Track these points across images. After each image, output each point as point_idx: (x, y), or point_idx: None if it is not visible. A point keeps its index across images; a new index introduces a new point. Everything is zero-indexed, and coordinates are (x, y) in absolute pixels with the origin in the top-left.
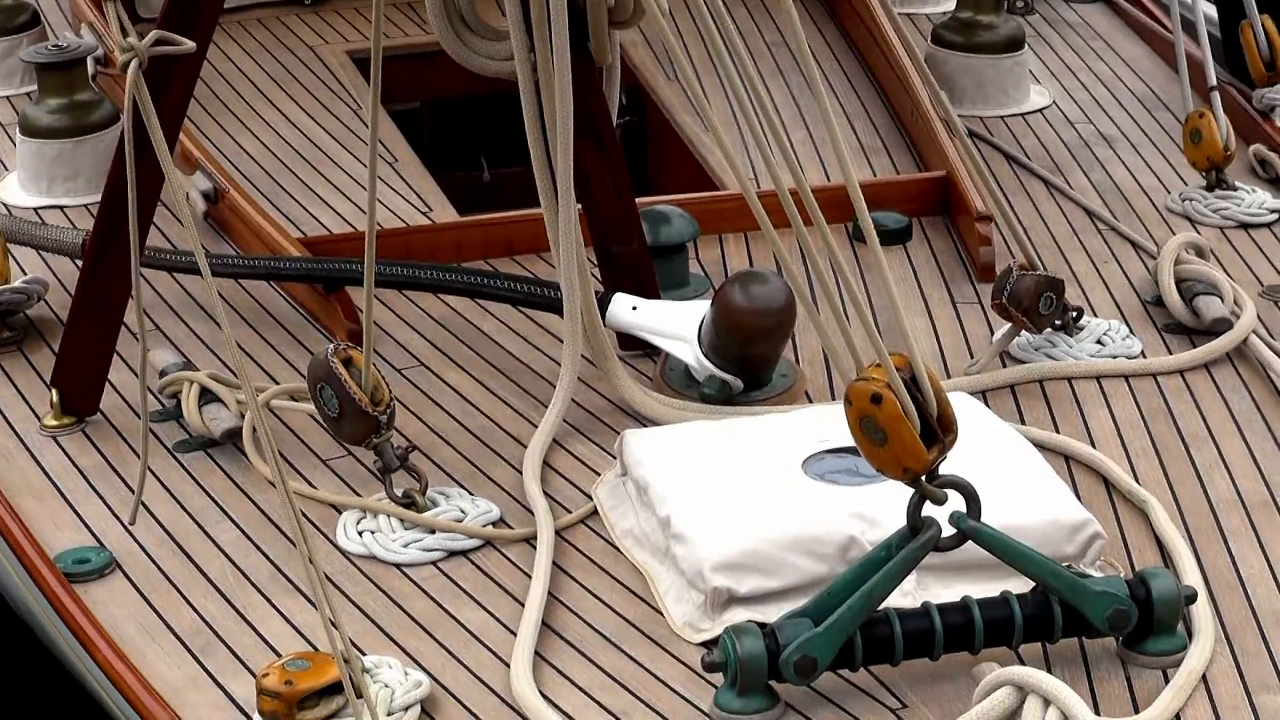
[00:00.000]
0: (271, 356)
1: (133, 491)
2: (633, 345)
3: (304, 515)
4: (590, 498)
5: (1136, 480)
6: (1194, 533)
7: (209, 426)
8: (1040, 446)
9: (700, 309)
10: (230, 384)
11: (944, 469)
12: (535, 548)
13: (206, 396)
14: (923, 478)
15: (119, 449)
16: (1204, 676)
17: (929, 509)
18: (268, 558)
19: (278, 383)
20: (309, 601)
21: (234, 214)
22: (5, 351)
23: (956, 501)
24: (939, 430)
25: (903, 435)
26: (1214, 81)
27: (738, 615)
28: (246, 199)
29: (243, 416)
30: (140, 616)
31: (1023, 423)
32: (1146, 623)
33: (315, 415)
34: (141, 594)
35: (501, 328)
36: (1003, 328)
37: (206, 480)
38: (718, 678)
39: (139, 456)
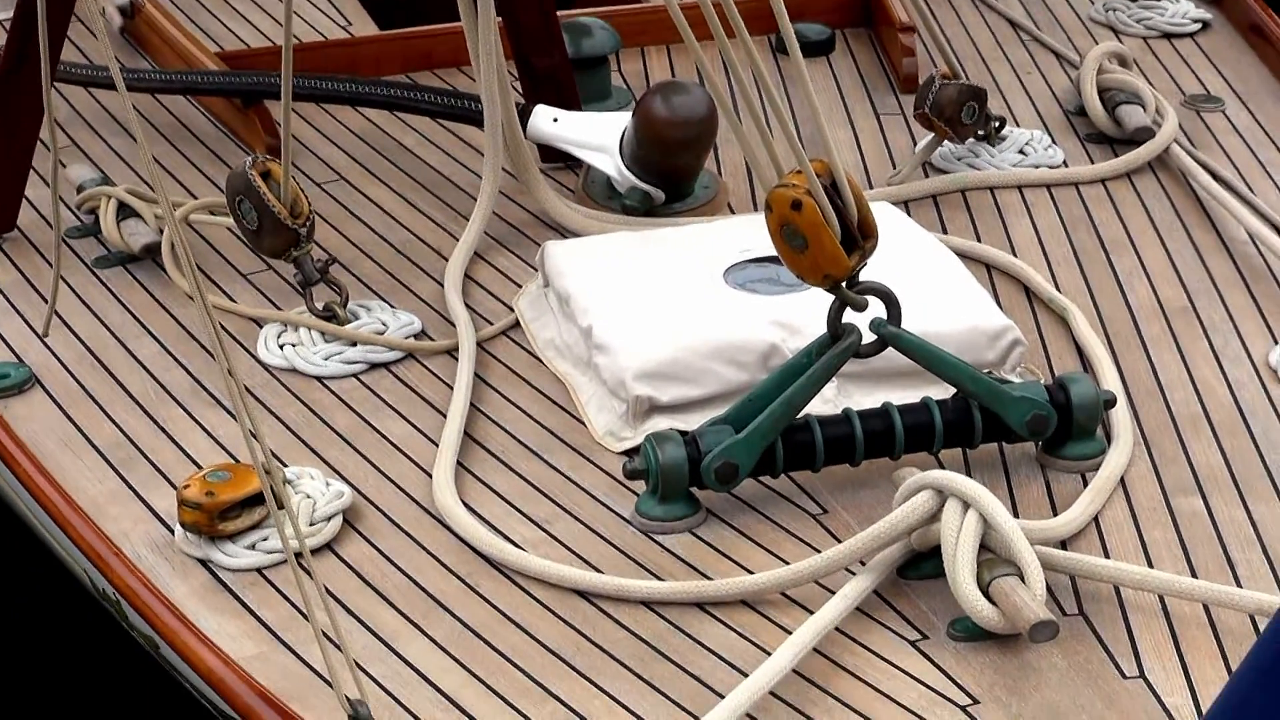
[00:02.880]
0: (190, 172)
1: None
2: (554, 157)
3: (223, 329)
4: (512, 309)
5: (1057, 288)
6: (1114, 339)
7: (127, 242)
8: (962, 255)
9: (621, 120)
10: (148, 199)
11: (865, 277)
12: (457, 359)
13: (125, 212)
14: (843, 284)
15: (37, 265)
16: (1122, 480)
17: (850, 315)
18: (188, 372)
19: (196, 197)
20: (229, 414)
21: (150, 29)
22: None
23: (877, 308)
24: (859, 236)
25: (823, 241)
26: None
27: (659, 424)
28: (163, 13)
29: (161, 231)
30: (61, 431)
31: (945, 232)
32: (1066, 427)
33: (234, 229)
34: (62, 409)
35: (422, 141)
36: (925, 138)
37: (126, 296)
38: (639, 485)
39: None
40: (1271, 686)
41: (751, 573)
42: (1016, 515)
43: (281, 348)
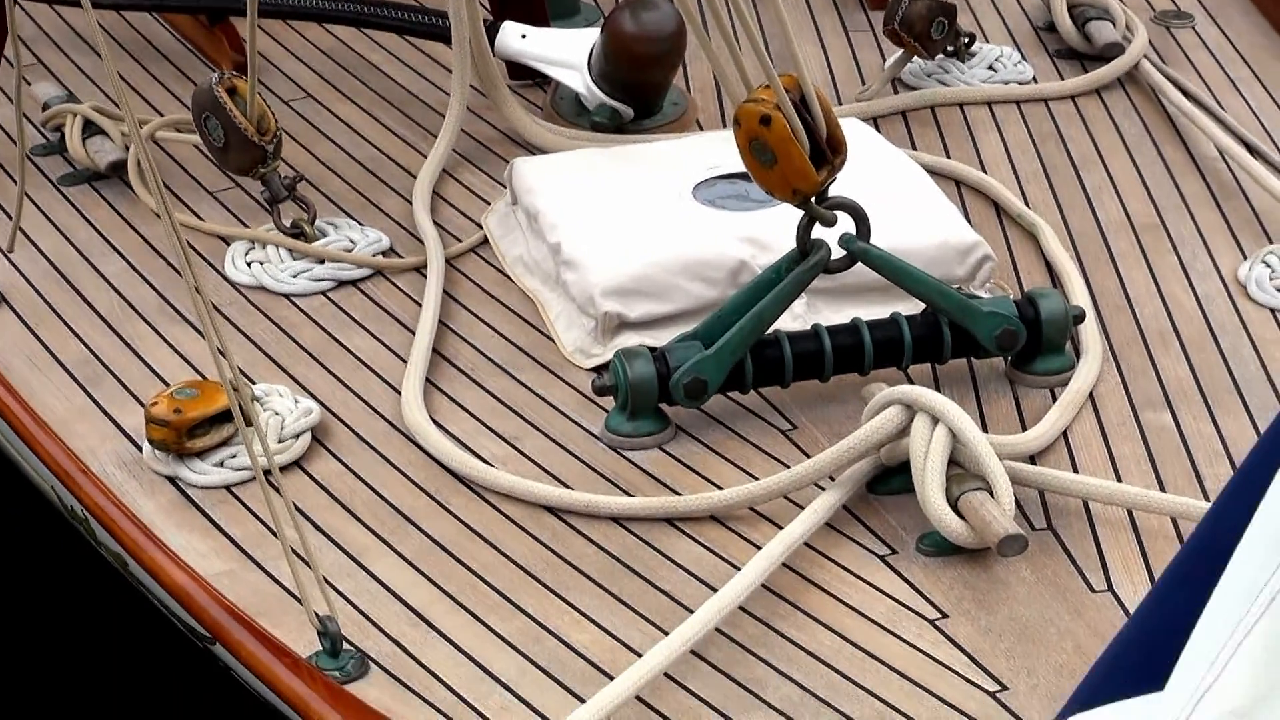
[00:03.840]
0: (156, 89)
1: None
2: (522, 74)
3: (190, 246)
4: (480, 226)
5: (1026, 204)
6: (1083, 255)
7: (93, 159)
8: (931, 172)
9: (590, 36)
10: (114, 116)
11: (834, 193)
12: (425, 276)
13: (90, 129)
14: (812, 199)
15: (2, 183)
16: (1091, 395)
17: (819, 231)
18: (155, 289)
19: (162, 115)
20: (197, 332)
21: None
22: None
23: (847, 224)
24: (828, 151)
25: (791, 156)
26: None
27: (628, 340)
28: None
29: (127, 149)
30: (27, 349)
31: (914, 148)
32: (1035, 342)
33: (201, 147)
34: (28, 327)
35: (389, 58)
36: (895, 54)
37: (92, 213)
38: (609, 401)
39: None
40: (1191, 585)
41: (721, 488)
42: (985, 430)
43: (249, 265)
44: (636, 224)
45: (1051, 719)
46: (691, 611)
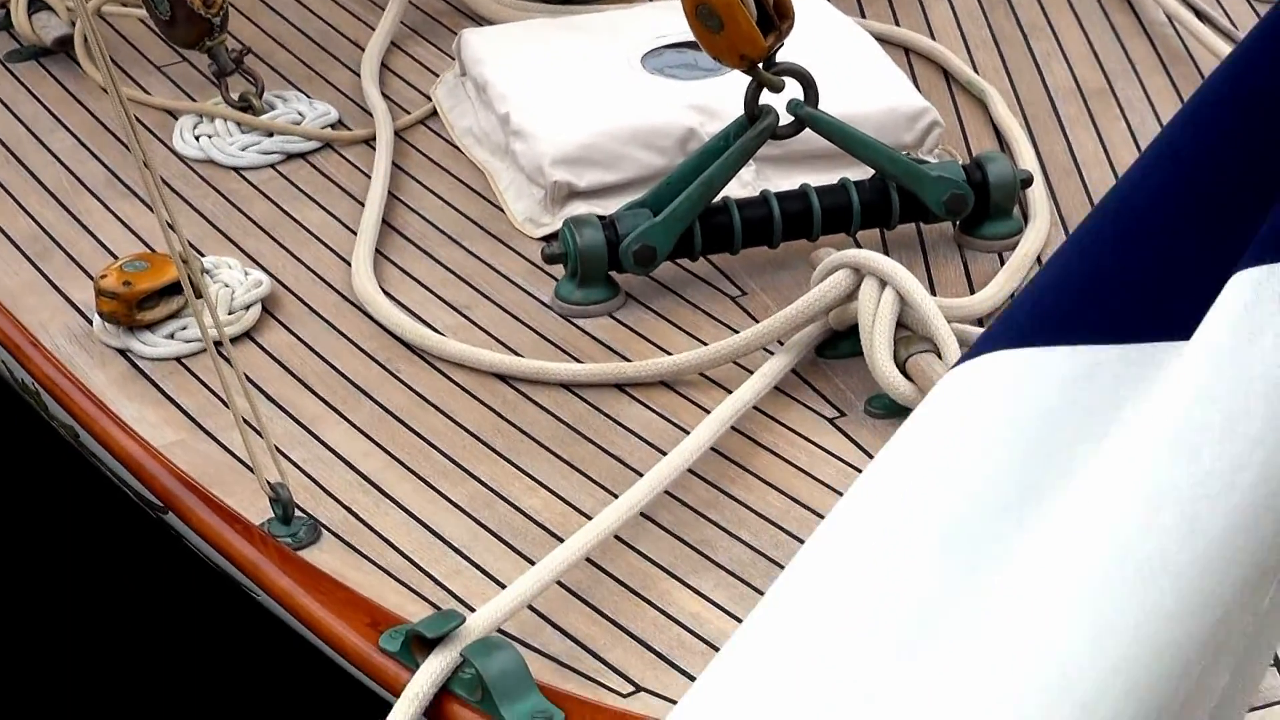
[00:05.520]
0: None
1: None
2: None
3: (138, 121)
4: (429, 98)
5: (975, 70)
6: (1031, 120)
7: (39, 35)
8: (880, 39)
9: None
10: None
11: (783, 60)
12: (374, 149)
13: (36, 4)
14: (759, 65)
15: None
16: (1039, 258)
17: (767, 97)
18: (103, 164)
19: None
20: (146, 206)
21: None
22: None
23: (795, 90)
24: (775, 17)
25: (738, 20)
26: None
27: (577, 208)
28: None
29: (73, 24)
30: None
31: (863, 16)
32: (983, 207)
33: (147, 21)
34: None
35: None
36: None
37: (39, 89)
38: (558, 270)
39: None
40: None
41: (670, 354)
42: (934, 294)
43: (197, 139)
44: (585, 93)
45: None
46: (641, 475)
